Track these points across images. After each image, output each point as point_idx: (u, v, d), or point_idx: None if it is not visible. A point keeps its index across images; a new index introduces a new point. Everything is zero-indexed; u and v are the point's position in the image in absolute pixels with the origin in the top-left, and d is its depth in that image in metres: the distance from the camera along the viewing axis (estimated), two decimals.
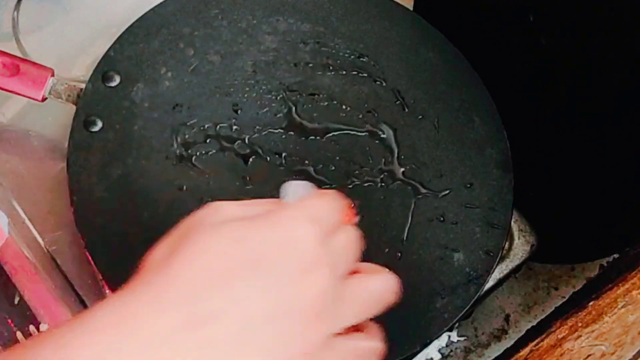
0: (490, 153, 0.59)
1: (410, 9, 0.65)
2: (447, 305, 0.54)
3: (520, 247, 0.59)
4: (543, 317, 0.65)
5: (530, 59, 0.62)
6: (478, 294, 0.55)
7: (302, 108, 0.58)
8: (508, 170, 0.58)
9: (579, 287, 0.66)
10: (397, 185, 0.57)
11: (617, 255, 0.64)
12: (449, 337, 0.64)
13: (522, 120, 0.62)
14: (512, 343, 0.64)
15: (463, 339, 0.64)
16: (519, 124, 0.60)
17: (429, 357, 0.63)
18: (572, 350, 0.50)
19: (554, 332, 0.56)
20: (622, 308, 0.51)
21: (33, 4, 0.66)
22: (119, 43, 0.58)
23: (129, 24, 0.59)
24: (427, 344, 0.54)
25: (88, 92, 0.57)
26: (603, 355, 0.49)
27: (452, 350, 0.64)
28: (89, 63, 0.64)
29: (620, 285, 0.54)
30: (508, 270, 0.59)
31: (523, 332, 0.65)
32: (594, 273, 0.66)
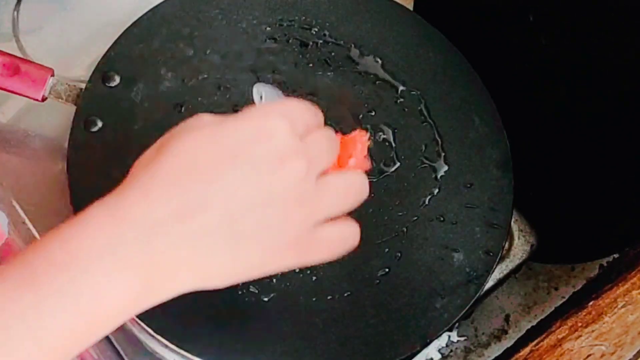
0: (490, 153, 0.59)
1: (410, 9, 0.65)
2: (447, 305, 0.54)
3: (520, 247, 0.59)
4: (543, 317, 0.65)
5: (530, 59, 0.62)
6: (478, 294, 0.55)
7: None
8: (508, 170, 0.58)
9: (579, 287, 0.66)
10: (397, 185, 0.57)
11: (617, 255, 0.64)
12: (449, 337, 0.64)
13: (522, 120, 0.62)
14: (512, 343, 0.64)
15: (463, 339, 0.64)
16: (519, 124, 0.60)
17: (429, 357, 0.63)
18: (572, 350, 0.50)
19: (554, 332, 0.56)
20: (622, 308, 0.51)
21: (33, 4, 0.66)
22: (119, 43, 0.58)
23: (129, 24, 0.59)
24: (427, 344, 0.54)
25: (88, 92, 0.57)
26: (603, 355, 0.49)
27: (452, 350, 0.64)
28: (89, 63, 0.64)
29: (620, 285, 0.54)
30: (508, 270, 0.59)
31: (523, 332, 0.64)
32: (594, 273, 0.66)
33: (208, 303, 0.50)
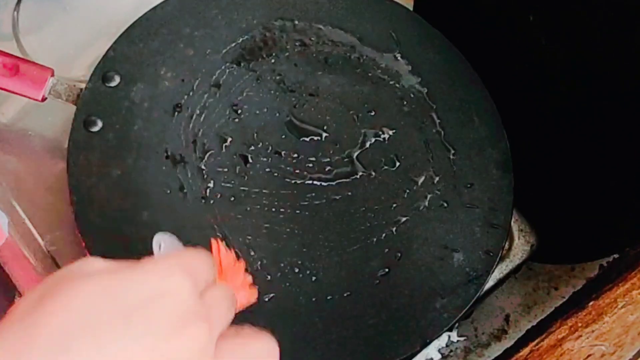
0: (490, 153, 0.59)
1: (410, 9, 0.65)
2: (447, 305, 0.54)
3: (520, 247, 0.60)
4: (543, 317, 0.65)
5: (530, 59, 0.62)
6: (478, 294, 0.55)
7: (302, 108, 0.58)
8: (508, 170, 0.58)
9: (579, 287, 0.66)
10: (397, 185, 0.57)
11: (617, 255, 0.64)
12: (449, 337, 0.64)
13: (522, 120, 0.62)
14: (512, 343, 0.64)
15: (463, 339, 0.64)
16: (519, 124, 0.60)
17: (429, 357, 0.63)
18: (572, 350, 0.50)
19: (554, 332, 0.56)
20: (622, 308, 0.51)
21: (33, 4, 0.66)
22: (119, 43, 0.58)
23: (129, 24, 0.59)
24: (427, 344, 0.54)
25: (88, 92, 0.57)
26: (603, 355, 0.49)
27: (452, 350, 0.64)
28: (89, 63, 0.64)
29: (620, 285, 0.54)
30: (508, 270, 0.59)
31: (523, 332, 0.65)
32: (594, 273, 0.66)
33: None
